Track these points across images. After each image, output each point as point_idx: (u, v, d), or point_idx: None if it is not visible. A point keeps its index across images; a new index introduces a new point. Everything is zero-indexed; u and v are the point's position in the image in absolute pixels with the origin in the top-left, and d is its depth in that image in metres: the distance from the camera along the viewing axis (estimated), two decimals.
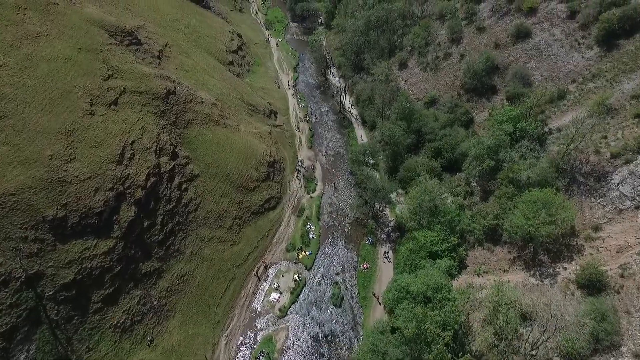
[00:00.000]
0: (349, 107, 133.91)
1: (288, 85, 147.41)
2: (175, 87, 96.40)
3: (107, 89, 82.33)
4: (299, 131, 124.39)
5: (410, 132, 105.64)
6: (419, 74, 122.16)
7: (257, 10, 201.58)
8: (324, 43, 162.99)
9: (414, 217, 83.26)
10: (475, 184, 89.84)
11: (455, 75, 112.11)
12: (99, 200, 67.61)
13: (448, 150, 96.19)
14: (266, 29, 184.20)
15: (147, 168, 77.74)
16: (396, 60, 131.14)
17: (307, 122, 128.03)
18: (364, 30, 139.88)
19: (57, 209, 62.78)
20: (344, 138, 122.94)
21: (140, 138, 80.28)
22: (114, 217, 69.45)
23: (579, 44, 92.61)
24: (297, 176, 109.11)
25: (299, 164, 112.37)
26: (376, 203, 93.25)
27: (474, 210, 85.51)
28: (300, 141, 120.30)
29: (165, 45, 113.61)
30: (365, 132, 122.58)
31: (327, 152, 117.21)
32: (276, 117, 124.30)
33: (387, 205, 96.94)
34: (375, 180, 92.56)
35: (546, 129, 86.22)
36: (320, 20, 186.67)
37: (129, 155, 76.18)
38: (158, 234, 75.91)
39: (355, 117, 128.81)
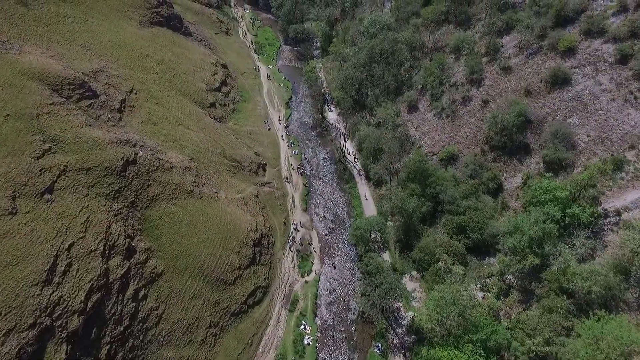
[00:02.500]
0: (351, 155, 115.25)
1: (279, 120, 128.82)
2: (136, 154, 77.65)
3: (40, 171, 63.49)
4: (292, 187, 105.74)
5: (424, 198, 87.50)
6: (432, 121, 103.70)
7: (246, 31, 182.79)
8: (320, 74, 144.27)
9: (437, 328, 64.85)
10: (512, 278, 71.57)
11: (478, 127, 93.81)
12: (9, 350, 48.72)
13: (474, 229, 77.91)
14: (256, 53, 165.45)
15: (89, 281, 58.94)
16: (404, 101, 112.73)
17: (302, 174, 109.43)
18: (366, 62, 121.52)
19: None
20: (344, 196, 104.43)
21: (82, 237, 61.47)
22: None
23: (635, 97, 74.75)
24: (290, 249, 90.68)
25: (292, 233, 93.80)
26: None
27: (512, 317, 67.34)
28: (293, 201, 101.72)
29: (131, 91, 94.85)
30: (370, 190, 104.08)
31: (325, 217, 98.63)
32: (265, 171, 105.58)
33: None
34: (387, 275, 73.89)
35: (600, 209, 68.16)
36: (316, 44, 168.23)
37: (62, 269, 57.35)
38: None
39: (357, 168, 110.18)
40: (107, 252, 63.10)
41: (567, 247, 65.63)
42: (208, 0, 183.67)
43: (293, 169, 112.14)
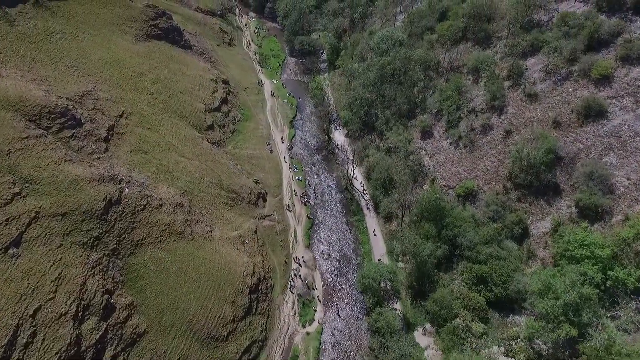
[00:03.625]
0: (358, 182, 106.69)
1: (282, 139, 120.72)
2: (121, 192, 69.94)
3: (7, 220, 55.94)
4: (294, 218, 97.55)
5: (440, 240, 78.94)
6: (448, 150, 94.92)
7: (250, 41, 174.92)
8: (327, 92, 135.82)
9: None
10: (542, 345, 62.74)
11: (500, 160, 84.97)
12: None
13: (497, 283, 69.16)
14: (259, 66, 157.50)
15: (56, 353, 51.16)
16: (417, 125, 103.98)
17: (305, 204, 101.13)
18: (377, 81, 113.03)
19: None
20: (351, 230, 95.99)
21: (51, 299, 53.80)
22: None
23: None
24: (290, 289, 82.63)
25: (293, 272, 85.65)
26: None
27: None
28: (295, 236, 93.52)
29: (121, 116, 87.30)
30: (379, 224, 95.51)
31: (329, 255, 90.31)
32: (265, 202, 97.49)
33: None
34: (398, 339, 65.38)
35: None
36: (322, 57, 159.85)
37: (24, 340, 49.64)
38: None
39: (365, 198, 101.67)
40: (80, 314, 55.36)
41: (609, 315, 56.88)
42: (211, 9, 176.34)
43: (296, 195, 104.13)
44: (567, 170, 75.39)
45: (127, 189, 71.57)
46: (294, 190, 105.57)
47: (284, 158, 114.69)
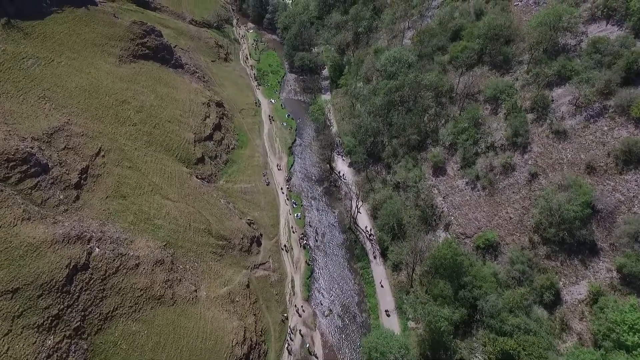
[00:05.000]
0: (363, 223, 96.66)
1: (279, 167, 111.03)
2: (90, 253, 60.27)
3: None
4: (292, 264, 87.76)
5: (457, 301, 69.01)
6: (465, 192, 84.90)
7: (248, 55, 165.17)
8: (329, 115, 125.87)
9: None
10: None
11: (525, 208, 74.89)
12: None
13: None
14: (257, 82, 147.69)
15: None
16: (429, 159, 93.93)
17: (304, 247, 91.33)
18: (383, 107, 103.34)
19: None
20: (355, 279, 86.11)
21: None
22: None
23: None
24: (287, 349, 72.83)
25: (290, 336, 75.76)
26: None
27: None
28: (292, 286, 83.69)
29: (98, 154, 77.64)
30: (387, 273, 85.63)
31: (331, 310, 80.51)
32: (259, 246, 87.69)
33: None
34: None
35: None
36: (324, 74, 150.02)
37: None
38: None
39: (371, 241, 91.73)
40: None
41: None
42: (207, 21, 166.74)
43: (293, 231, 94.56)
44: (605, 225, 65.36)
45: (97, 249, 61.89)
46: (292, 227, 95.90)
47: (282, 189, 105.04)
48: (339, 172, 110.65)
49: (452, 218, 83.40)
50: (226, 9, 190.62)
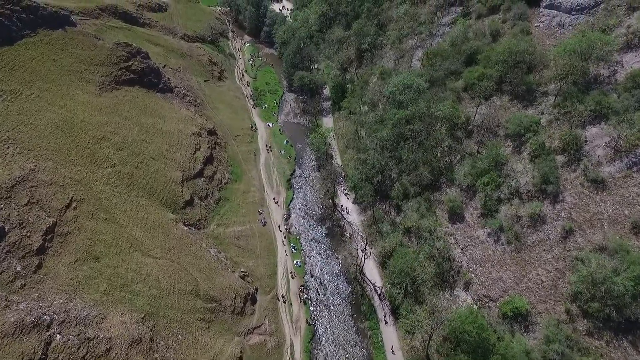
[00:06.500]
0: (369, 272, 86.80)
1: (277, 202, 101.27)
2: (49, 343, 50.24)
3: None
4: (291, 325, 77.77)
5: None
6: (486, 244, 75.02)
7: (244, 72, 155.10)
8: (332, 144, 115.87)
9: None
10: None
11: (559, 271, 65.00)
12: None
13: None
14: (253, 102, 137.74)
15: None
16: (443, 203, 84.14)
17: (304, 300, 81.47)
18: (392, 139, 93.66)
19: None
20: (363, 343, 76.16)
21: None
22: None
23: None
24: None
25: None
26: None
27: None
28: (292, 352, 73.68)
29: (68, 206, 67.71)
30: (398, 336, 75.68)
31: None
32: (254, 304, 77.77)
33: None
34: None
35: None
36: (325, 93, 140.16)
37: None
38: None
39: (381, 299, 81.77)
40: None
41: None
42: (200, 35, 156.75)
43: (293, 277, 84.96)
44: None
45: (58, 336, 51.94)
46: (292, 273, 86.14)
47: (279, 227, 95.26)
48: (342, 207, 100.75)
49: (473, 276, 73.50)
50: (221, 20, 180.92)
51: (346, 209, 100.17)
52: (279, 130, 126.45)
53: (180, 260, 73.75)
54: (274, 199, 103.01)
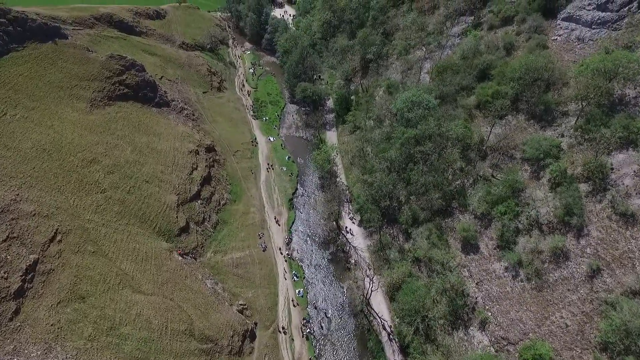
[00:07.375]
0: (378, 308, 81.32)
1: (278, 222, 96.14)
2: None
3: None
4: None
5: None
6: (504, 279, 69.57)
7: (244, 81, 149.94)
8: (336, 161, 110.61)
9: None
10: None
11: (585, 314, 59.49)
12: None
13: None
14: (254, 116, 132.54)
15: None
16: (456, 231, 78.79)
17: (307, 336, 76.18)
18: (401, 161, 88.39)
19: None
20: None
21: None
22: None
23: None
24: None
25: None
26: None
27: None
28: None
29: (52, 239, 62.62)
30: None
31: None
32: (253, 340, 72.50)
33: None
34: None
35: None
36: (328, 104, 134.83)
37: None
38: None
39: (390, 336, 76.38)
40: None
41: None
42: (200, 44, 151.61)
43: (294, 304, 79.74)
44: None
45: None
46: (293, 301, 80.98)
47: (280, 251, 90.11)
48: (347, 228, 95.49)
49: (490, 314, 68.03)
50: (221, 27, 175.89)
51: (350, 229, 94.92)
52: (281, 145, 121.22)
53: (174, 295, 68.53)
54: (275, 218, 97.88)
